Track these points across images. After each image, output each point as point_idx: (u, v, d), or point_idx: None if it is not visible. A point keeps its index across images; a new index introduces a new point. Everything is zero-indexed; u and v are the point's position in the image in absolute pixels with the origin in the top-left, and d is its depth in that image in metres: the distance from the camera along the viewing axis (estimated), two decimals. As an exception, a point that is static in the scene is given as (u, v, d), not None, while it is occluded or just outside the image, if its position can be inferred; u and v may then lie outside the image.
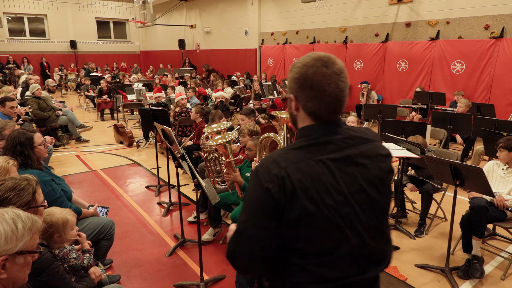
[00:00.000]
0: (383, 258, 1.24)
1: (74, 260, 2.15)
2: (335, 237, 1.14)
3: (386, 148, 1.28)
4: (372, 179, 1.20)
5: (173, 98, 7.98)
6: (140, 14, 16.03)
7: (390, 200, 1.30)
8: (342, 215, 1.13)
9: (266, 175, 1.12)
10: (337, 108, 1.19)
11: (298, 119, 1.25)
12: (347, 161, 1.17)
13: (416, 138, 3.91)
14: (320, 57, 1.17)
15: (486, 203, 3.18)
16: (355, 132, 1.23)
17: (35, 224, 1.37)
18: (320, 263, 1.15)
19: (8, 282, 1.31)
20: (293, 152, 1.16)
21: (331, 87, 1.15)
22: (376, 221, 1.21)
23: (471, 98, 7.81)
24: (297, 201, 1.10)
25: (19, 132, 2.79)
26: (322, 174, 1.12)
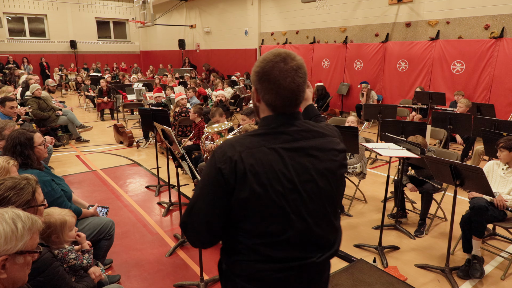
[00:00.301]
0: (329, 246, 1.32)
1: (73, 260, 2.15)
2: (280, 220, 1.21)
3: (341, 144, 1.36)
4: (323, 171, 1.27)
5: (173, 98, 7.98)
6: (140, 14, 16.04)
7: (340, 193, 1.38)
8: (289, 200, 1.21)
9: (221, 157, 1.20)
10: (293, 102, 1.26)
11: (260, 110, 1.33)
12: (300, 152, 1.24)
13: (416, 138, 3.90)
14: (279, 53, 1.25)
15: (486, 203, 3.18)
16: (311, 126, 1.31)
17: (35, 224, 1.37)
18: (267, 244, 1.23)
19: (8, 282, 1.31)
20: (249, 138, 1.24)
21: (287, 81, 1.22)
22: (324, 210, 1.28)
23: (471, 98, 7.82)
24: (247, 184, 1.17)
25: (19, 132, 2.79)
26: (273, 161, 1.20)
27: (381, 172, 5.96)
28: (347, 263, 3.33)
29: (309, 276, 1.30)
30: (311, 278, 1.31)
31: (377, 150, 3.33)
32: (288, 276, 1.26)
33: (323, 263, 1.32)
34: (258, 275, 1.25)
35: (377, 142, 6.15)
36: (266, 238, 1.23)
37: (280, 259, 1.24)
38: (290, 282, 1.27)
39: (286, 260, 1.24)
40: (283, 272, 1.25)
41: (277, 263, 1.24)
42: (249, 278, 1.27)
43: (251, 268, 1.26)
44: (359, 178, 4.48)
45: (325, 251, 1.31)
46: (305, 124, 1.30)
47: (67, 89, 16.84)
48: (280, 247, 1.24)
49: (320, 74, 11.62)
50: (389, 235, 3.88)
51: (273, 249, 1.23)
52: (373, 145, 3.65)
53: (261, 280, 1.26)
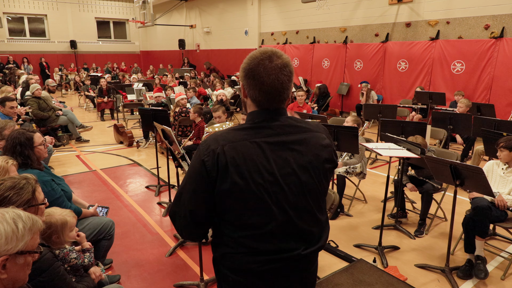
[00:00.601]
0: (314, 239, 1.35)
1: (74, 260, 2.15)
2: (262, 212, 1.25)
3: (327, 139, 1.38)
4: (306, 165, 1.30)
5: (173, 98, 7.98)
6: (140, 14, 16.04)
7: (325, 188, 1.39)
8: (270, 192, 1.24)
9: (205, 150, 1.26)
10: (277, 98, 1.30)
11: (247, 105, 1.38)
12: (281, 146, 1.28)
13: (416, 138, 3.90)
14: (266, 51, 1.29)
15: (488, 203, 3.17)
16: (295, 122, 1.34)
17: (36, 224, 1.37)
18: (251, 236, 1.26)
19: (9, 282, 1.31)
20: (233, 132, 1.28)
21: (270, 78, 1.26)
22: (306, 203, 1.31)
23: (471, 98, 7.81)
24: (228, 176, 1.22)
25: (19, 132, 2.79)
26: (254, 154, 1.24)
27: (381, 172, 5.96)
28: (347, 263, 3.33)
29: (296, 268, 1.33)
30: (299, 270, 1.35)
31: (377, 150, 3.33)
32: (275, 268, 1.29)
33: (310, 256, 1.35)
34: (246, 267, 1.29)
35: (377, 142, 6.15)
36: (249, 230, 1.26)
37: (265, 251, 1.28)
38: (278, 273, 1.31)
39: (271, 252, 1.28)
40: (270, 264, 1.28)
41: (263, 255, 1.28)
42: (238, 270, 1.31)
43: (239, 261, 1.29)
44: (359, 178, 4.48)
45: (311, 245, 1.34)
46: (288, 120, 1.33)
47: (67, 89, 16.84)
48: (265, 240, 1.27)
49: (320, 74, 11.62)
50: (389, 235, 3.88)
51: (258, 242, 1.27)
52: (373, 145, 3.65)
53: (250, 272, 1.29)
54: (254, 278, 1.30)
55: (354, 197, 4.57)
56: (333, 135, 4.02)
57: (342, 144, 4.05)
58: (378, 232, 3.55)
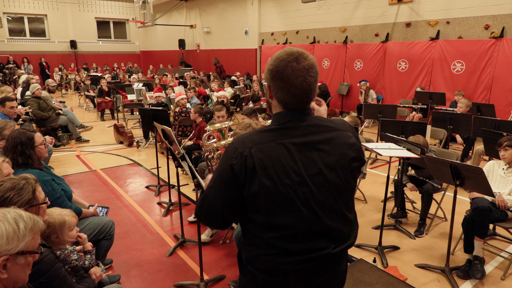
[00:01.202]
0: (343, 237, 1.35)
1: (75, 261, 2.15)
2: (291, 212, 1.26)
3: (353, 138, 1.38)
4: (333, 164, 1.31)
5: (173, 98, 7.98)
6: (140, 14, 16.05)
7: (352, 186, 1.40)
8: (298, 193, 1.26)
9: (233, 153, 1.27)
10: (304, 99, 1.31)
11: (272, 106, 1.40)
12: (308, 146, 1.29)
13: (418, 138, 3.90)
14: (292, 53, 1.29)
15: (489, 204, 3.17)
16: (321, 121, 1.36)
17: (37, 224, 1.37)
18: (281, 237, 1.27)
19: (9, 282, 1.31)
20: (260, 134, 1.30)
21: (298, 80, 1.27)
22: (334, 203, 1.32)
23: (471, 98, 7.82)
24: (256, 178, 1.24)
25: (19, 132, 2.79)
26: (282, 156, 1.25)
27: (381, 172, 5.96)
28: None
29: (327, 266, 1.34)
30: (330, 267, 1.35)
31: (377, 150, 3.33)
32: (306, 268, 1.30)
33: (340, 254, 1.35)
34: (277, 268, 1.29)
35: (377, 142, 6.14)
36: (279, 231, 1.27)
37: (296, 251, 1.28)
38: (309, 273, 1.31)
39: (302, 252, 1.28)
40: (301, 264, 1.29)
41: (294, 255, 1.28)
42: (269, 271, 1.31)
43: (270, 262, 1.29)
44: (359, 178, 4.48)
45: (340, 243, 1.34)
46: (314, 120, 1.34)
47: (67, 89, 16.84)
48: (295, 240, 1.28)
49: (320, 74, 11.52)
50: (389, 235, 3.88)
51: (288, 242, 1.27)
52: (373, 145, 3.65)
53: (281, 273, 1.30)
54: (286, 278, 1.31)
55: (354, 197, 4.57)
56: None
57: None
58: (378, 232, 3.55)
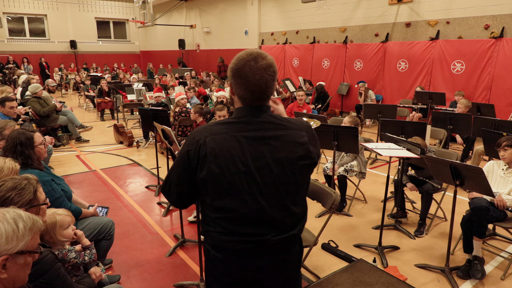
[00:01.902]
0: (285, 228, 1.46)
1: (74, 259, 2.15)
2: (235, 198, 1.40)
3: (305, 137, 1.47)
4: (280, 160, 1.41)
5: (173, 98, 7.98)
6: (140, 14, 16.04)
7: (300, 182, 1.48)
8: (242, 182, 1.39)
9: (191, 140, 1.44)
10: (261, 96, 1.43)
11: (234, 102, 1.52)
12: (259, 140, 1.41)
13: (415, 140, 3.90)
14: (252, 53, 1.42)
15: (487, 203, 3.17)
16: (275, 119, 1.46)
17: (36, 224, 1.37)
18: (225, 218, 1.43)
19: (9, 282, 1.31)
20: (218, 126, 1.44)
21: (255, 78, 1.39)
22: (278, 195, 1.43)
23: (471, 98, 7.82)
24: (206, 164, 1.39)
25: (19, 132, 2.78)
26: (232, 147, 1.39)
27: (381, 172, 5.96)
28: (347, 263, 3.33)
29: (269, 251, 1.46)
30: (272, 253, 1.47)
31: (377, 150, 3.33)
32: (246, 249, 1.43)
33: (281, 242, 1.46)
34: (222, 244, 1.45)
35: (377, 142, 6.14)
36: (223, 213, 1.42)
37: (238, 233, 1.43)
38: (250, 254, 1.45)
39: (243, 234, 1.43)
40: (242, 244, 1.43)
41: (236, 236, 1.43)
42: (216, 247, 1.47)
43: (216, 239, 1.46)
44: (358, 178, 4.48)
45: (281, 232, 1.45)
46: (269, 117, 1.46)
47: (67, 89, 16.84)
48: (237, 223, 1.42)
49: (320, 74, 11.62)
50: (389, 235, 3.88)
51: (231, 224, 1.42)
52: (373, 145, 3.65)
53: (225, 249, 1.45)
54: (229, 255, 1.45)
55: (354, 197, 4.57)
56: (333, 135, 4.03)
57: (342, 144, 4.05)
58: (378, 232, 3.55)
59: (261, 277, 1.50)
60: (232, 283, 1.50)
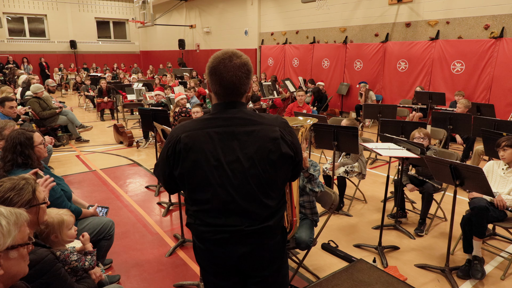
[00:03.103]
0: (258, 219, 1.52)
1: (75, 262, 2.14)
2: (208, 191, 1.49)
3: (278, 132, 1.51)
4: (250, 154, 1.47)
5: (173, 98, 7.98)
6: (140, 14, 16.04)
7: (272, 176, 1.52)
8: (214, 175, 1.47)
9: (171, 136, 1.54)
10: (235, 92, 1.50)
11: (211, 98, 1.59)
12: (230, 135, 1.48)
13: (420, 130, 3.95)
14: (227, 52, 1.50)
15: (486, 203, 3.17)
16: (247, 115, 1.52)
17: (20, 217, 1.36)
18: (201, 211, 1.52)
19: (8, 277, 1.33)
20: (194, 122, 1.53)
21: (229, 75, 1.47)
22: (249, 188, 1.49)
23: (471, 98, 7.82)
24: (181, 159, 1.49)
25: (18, 132, 2.78)
26: (204, 142, 1.47)
27: (381, 172, 5.96)
28: (347, 263, 3.33)
29: (246, 241, 1.53)
30: (248, 243, 1.53)
31: (377, 150, 3.33)
32: (223, 239, 1.52)
33: (257, 233, 1.53)
34: (202, 236, 1.56)
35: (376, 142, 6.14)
36: (199, 205, 1.52)
37: (213, 224, 1.51)
38: (228, 244, 1.53)
39: (218, 225, 1.51)
40: (218, 234, 1.52)
41: (212, 227, 1.52)
42: (198, 238, 1.58)
43: (197, 230, 1.56)
44: (358, 178, 4.48)
45: (255, 223, 1.51)
46: (241, 113, 1.52)
47: (67, 89, 16.84)
48: (212, 214, 1.51)
49: (320, 74, 11.62)
50: (389, 235, 3.88)
51: (207, 216, 1.52)
52: (373, 145, 3.65)
53: (205, 240, 1.55)
54: (210, 245, 1.55)
55: (354, 197, 4.57)
56: (333, 135, 4.02)
57: (342, 144, 4.05)
58: (378, 232, 3.55)
59: (243, 264, 1.57)
60: (218, 272, 1.60)
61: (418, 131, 4.02)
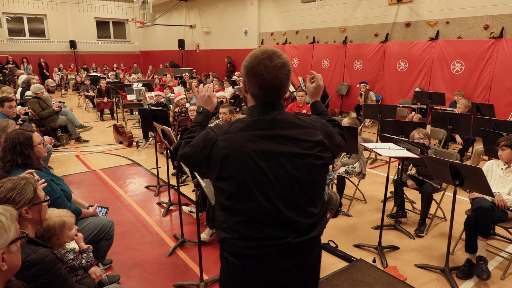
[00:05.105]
0: (304, 229, 1.40)
1: (72, 261, 2.15)
2: (247, 199, 1.35)
3: (320, 136, 1.44)
4: (294, 159, 1.37)
5: (173, 98, 7.99)
6: (140, 14, 16.05)
7: (315, 182, 1.44)
8: (256, 182, 1.34)
9: (206, 136, 1.40)
10: (275, 94, 1.40)
11: (247, 100, 1.49)
12: (272, 139, 1.37)
13: (419, 131, 3.94)
14: (266, 51, 1.39)
15: (491, 203, 3.16)
16: (288, 117, 1.42)
17: (13, 211, 1.42)
18: (241, 222, 1.37)
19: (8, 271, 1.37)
20: (230, 125, 1.41)
21: (270, 76, 1.36)
22: (293, 195, 1.38)
23: (470, 98, 7.82)
24: (218, 164, 1.36)
25: (17, 132, 2.78)
26: (244, 146, 1.34)
27: (381, 172, 5.97)
28: (347, 263, 3.33)
29: (290, 255, 1.41)
30: (293, 257, 1.42)
31: (377, 150, 3.33)
32: (266, 254, 1.38)
33: (302, 245, 1.41)
34: (240, 251, 1.40)
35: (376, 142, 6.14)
36: (239, 216, 1.37)
37: (255, 237, 1.37)
38: (271, 259, 1.39)
39: (261, 239, 1.37)
40: (261, 249, 1.38)
41: (254, 241, 1.37)
42: (234, 254, 1.42)
43: (234, 246, 1.40)
44: (358, 178, 4.48)
45: (301, 234, 1.40)
46: (282, 115, 1.42)
47: (67, 89, 16.83)
48: (253, 226, 1.37)
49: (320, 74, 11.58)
50: (389, 235, 3.88)
51: (247, 228, 1.37)
52: (372, 145, 3.65)
53: (244, 257, 1.40)
54: (249, 262, 1.40)
55: (353, 197, 4.57)
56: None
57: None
58: (378, 232, 3.55)
59: (282, 281, 1.46)
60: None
61: (418, 132, 4.02)
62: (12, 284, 1.45)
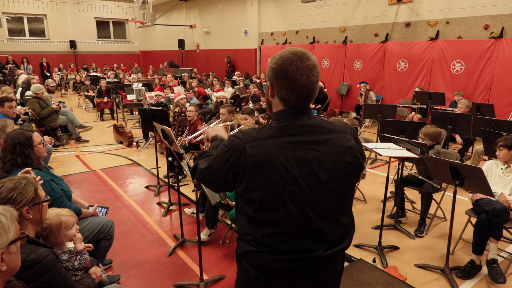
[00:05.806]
0: (335, 240, 1.35)
1: (65, 261, 2.14)
2: (279, 210, 1.27)
3: (352, 141, 1.37)
4: (327, 166, 1.30)
5: (173, 98, 7.99)
6: (140, 14, 16.05)
7: (348, 190, 1.39)
8: (288, 191, 1.26)
9: (232, 144, 1.31)
10: (307, 97, 1.32)
11: (273, 105, 1.40)
12: (303, 146, 1.29)
13: (427, 129, 3.94)
14: (296, 52, 1.30)
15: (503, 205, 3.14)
16: (320, 122, 1.35)
17: (13, 212, 1.42)
18: (270, 235, 1.29)
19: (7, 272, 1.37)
20: (258, 131, 1.32)
21: (302, 79, 1.28)
22: (326, 204, 1.32)
23: (470, 98, 7.82)
24: (247, 174, 1.27)
25: (17, 132, 2.78)
26: (275, 153, 1.26)
27: (381, 172, 5.97)
28: (347, 263, 3.33)
29: (319, 267, 1.34)
30: (321, 269, 1.35)
31: (377, 150, 3.33)
32: (294, 267, 1.31)
33: (331, 257, 1.35)
34: (266, 265, 1.32)
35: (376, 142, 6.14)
36: (268, 228, 1.29)
37: (285, 251, 1.29)
38: (298, 273, 1.32)
39: (291, 252, 1.30)
40: (289, 263, 1.30)
41: (283, 255, 1.30)
42: (259, 268, 1.34)
43: (260, 259, 1.32)
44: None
45: (332, 246, 1.34)
46: (313, 120, 1.34)
47: (67, 89, 16.84)
48: (284, 239, 1.29)
49: (320, 74, 11.57)
50: (389, 235, 3.88)
51: (277, 241, 1.29)
52: (372, 145, 3.65)
53: (270, 270, 1.32)
54: (275, 275, 1.33)
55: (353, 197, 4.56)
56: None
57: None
58: (378, 232, 3.55)
59: None
60: None
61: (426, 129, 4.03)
62: (11, 284, 1.46)
